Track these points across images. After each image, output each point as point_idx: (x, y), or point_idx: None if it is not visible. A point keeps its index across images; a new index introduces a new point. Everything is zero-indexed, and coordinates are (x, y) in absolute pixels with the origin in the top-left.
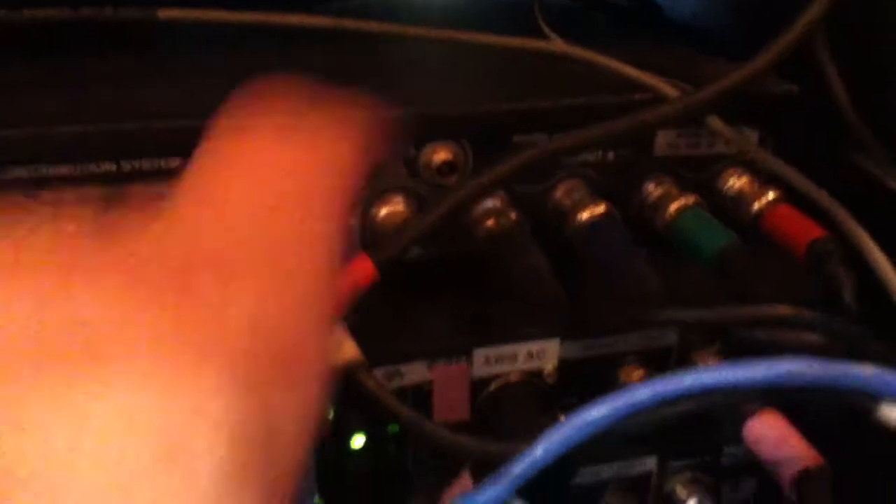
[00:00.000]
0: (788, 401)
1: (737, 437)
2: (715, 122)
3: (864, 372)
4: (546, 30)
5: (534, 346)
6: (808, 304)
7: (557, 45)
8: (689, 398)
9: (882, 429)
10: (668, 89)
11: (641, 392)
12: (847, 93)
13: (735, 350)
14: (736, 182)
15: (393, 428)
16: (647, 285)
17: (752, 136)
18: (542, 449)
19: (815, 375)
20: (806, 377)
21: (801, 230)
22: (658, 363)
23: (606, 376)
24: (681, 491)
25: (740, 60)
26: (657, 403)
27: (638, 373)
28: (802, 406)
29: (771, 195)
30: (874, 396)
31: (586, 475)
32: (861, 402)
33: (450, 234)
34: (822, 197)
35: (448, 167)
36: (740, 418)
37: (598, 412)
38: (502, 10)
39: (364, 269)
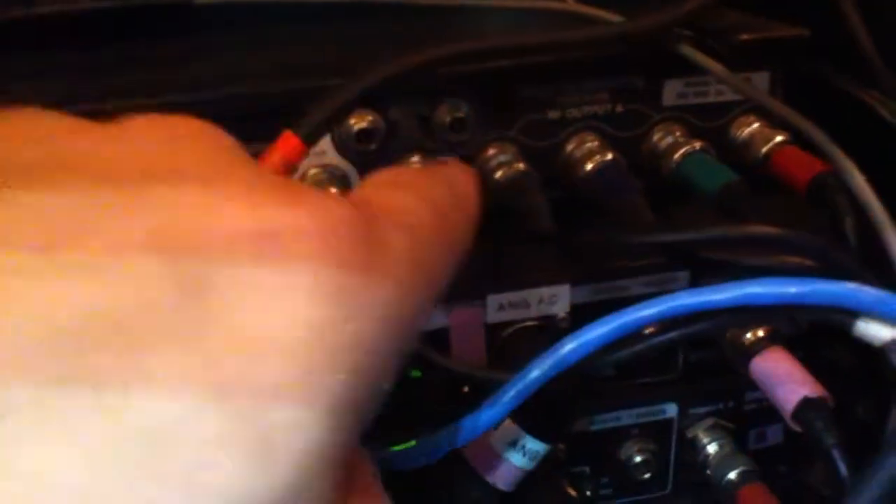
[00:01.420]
0: (772, 320)
1: (749, 380)
2: (718, 69)
3: (841, 288)
4: None
5: (545, 292)
6: None
7: (571, 5)
8: (673, 327)
9: (861, 343)
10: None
11: (623, 318)
12: (864, 26)
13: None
14: (747, 128)
15: (415, 373)
16: (638, 218)
17: (763, 79)
18: (537, 370)
19: (790, 293)
20: (780, 295)
21: (805, 167)
22: None
23: None
24: (703, 436)
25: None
26: (639, 327)
27: None
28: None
29: (778, 138)
30: (852, 313)
31: (606, 421)
32: (839, 319)
33: None
34: (817, 135)
35: (460, 124)
36: (747, 357)
37: (584, 335)
38: None
39: (291, 144)
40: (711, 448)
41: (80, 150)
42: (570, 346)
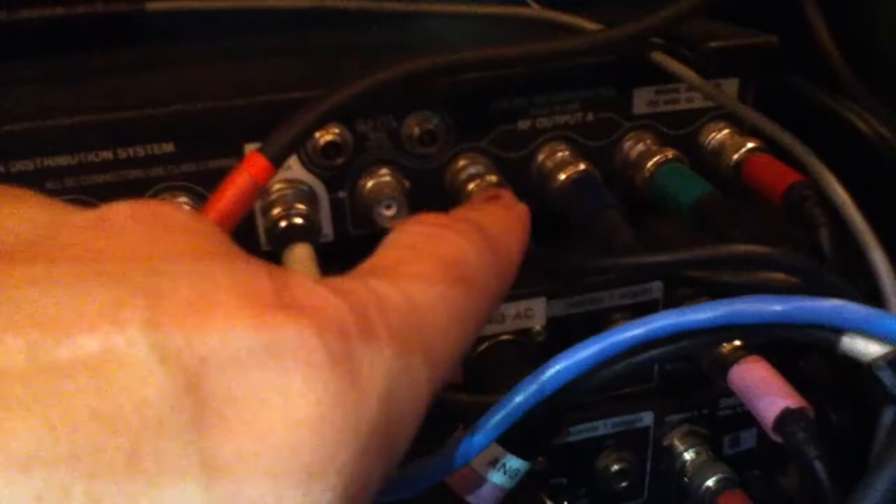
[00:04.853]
0: (757, 338)
1: (725, 388)
2: (690, 76)
3: (826, 305)
4: None
5: (521, 306)
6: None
7: (538, 10)
8: (655, 345)
9: (846, 360)
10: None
11: (606, 341)
12: (831, 38)
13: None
14: (716, 135)
15: None
16: (618, 236)
17: (732, 87)
18: (521, 396)
19: (774, 312)
20: (764, 314)
21: (779, 177)
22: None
23: (595, 332)
24: (679, 444)
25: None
26: (623, 350)
27: None
28: (778, 343)
29: (750, 145)
30: (837, 330)
31: (583, 431)
32: (824, 336)
33: (433, 200)
34: (795, 146)
35: (430, 137)
36: (725, 367)
37: (567, 360)
38: None
39: (259, 165)
40: (688, 455)
41: (64, 241)
42: (553, 371)
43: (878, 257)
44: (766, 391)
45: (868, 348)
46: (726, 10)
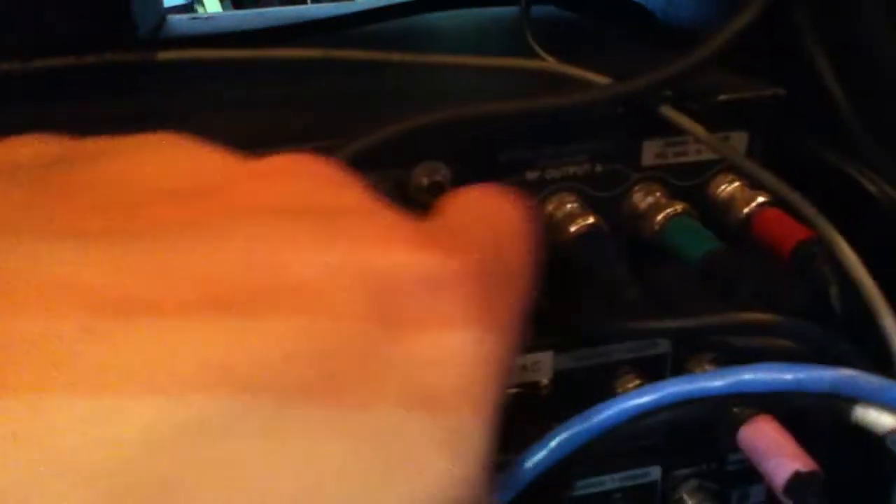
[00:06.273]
0: (768, 406)
1: (733, 445)
2: (698, 130)
3: (838, 375)
4: (536, 48)
5: (528, 359)
6: (794, 308)
7: (549, 63)
8: (663, 411)
9: (858, 431)
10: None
11: (616, 408)
12: (842, 90)
13: (728, 358)
14: (726, 188)
15: None
16: (623, 293)
17: (742, 140)
18: (530, 462)
19: (785, 381)
20: (775, 383)
21: (788, 233)
22: (653, 372)
23: (602, 387)
24: (687, 499)
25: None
26: (626, 420)
27: (634, 382)
28: (789, 411)
29: (759, 199)
30: (850, 399)
31: (590, 486)
32: (837, 406)
33: None
34: (802, 204)
35: (438, 187)
36: (735, 425)
37: (577, 427)
38: (496, 33)
39: None
40: None
41: (243, 192)
42: (562, 437)
43: (888, 322)
44: (775, 452)
45: (881, 420)
46: (736, 61)
